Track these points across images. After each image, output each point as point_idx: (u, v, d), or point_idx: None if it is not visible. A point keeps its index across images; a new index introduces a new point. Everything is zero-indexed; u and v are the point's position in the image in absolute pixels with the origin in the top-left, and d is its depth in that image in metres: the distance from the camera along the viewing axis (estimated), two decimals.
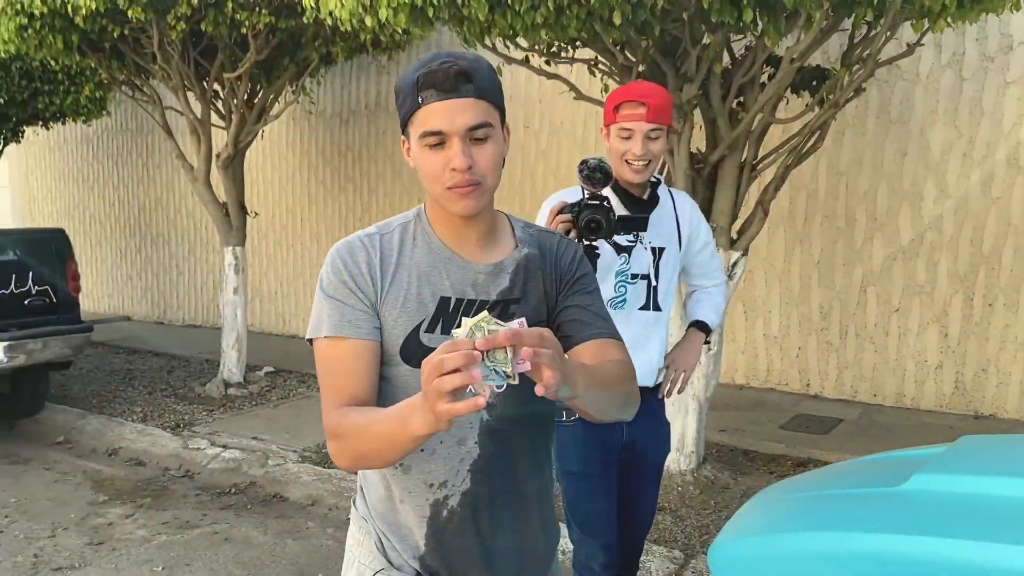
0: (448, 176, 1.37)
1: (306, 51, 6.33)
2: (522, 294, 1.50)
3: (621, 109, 2.30)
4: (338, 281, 1.45)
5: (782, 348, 6.45)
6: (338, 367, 1.45)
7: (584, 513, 2.47)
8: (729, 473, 4.71)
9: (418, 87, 1.37)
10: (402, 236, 1.50)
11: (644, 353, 2.40)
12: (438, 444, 1.47)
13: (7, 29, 5.74)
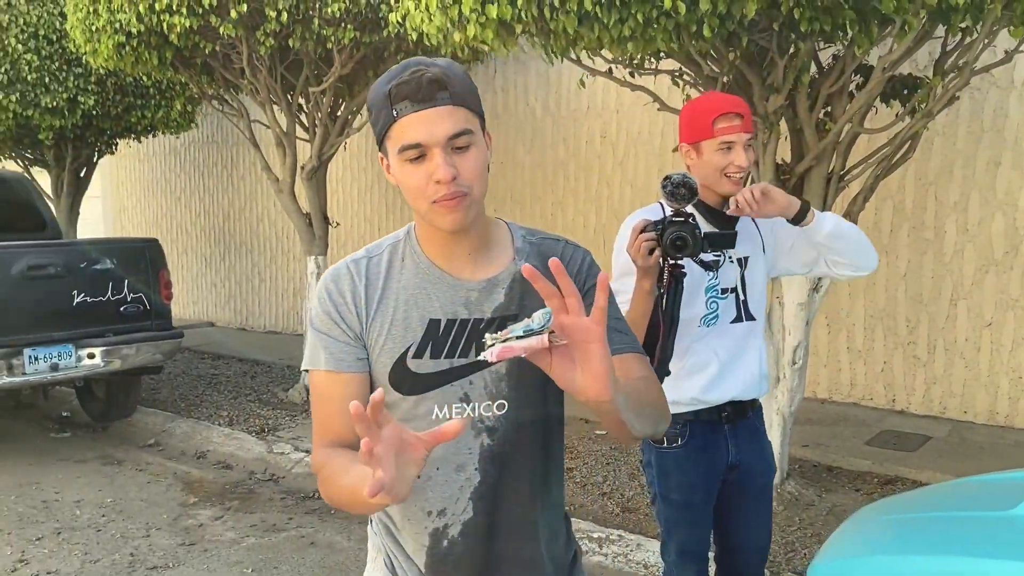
0: (432, 189, 1.30)
1: (388, 64, 6.44)
2: (520, 309, 1.40)
3: (719, 123, 2.19)
4: (322, 312, 1.41)
5: (866, 362, 6.30)
6: (323, 402, 1.42)
7: (683, 539, 2.41)
8: (814, 489, 4.62)
9: (391, 99, 1.29)
10: (390, 257, 1.44)
11: (742, 365, 2.34)
12: (434, 471, 1.41)
13: (106, 47, 6.01)
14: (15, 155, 9.46)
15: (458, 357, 1.39)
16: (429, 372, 1.39)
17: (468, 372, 1.40)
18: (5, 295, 5.26)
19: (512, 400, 1.41)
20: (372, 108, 1.34)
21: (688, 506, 2.36)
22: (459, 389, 1.40)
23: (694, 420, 2.31)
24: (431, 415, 1.39)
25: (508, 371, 1.40)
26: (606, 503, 4.56)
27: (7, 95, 7.67)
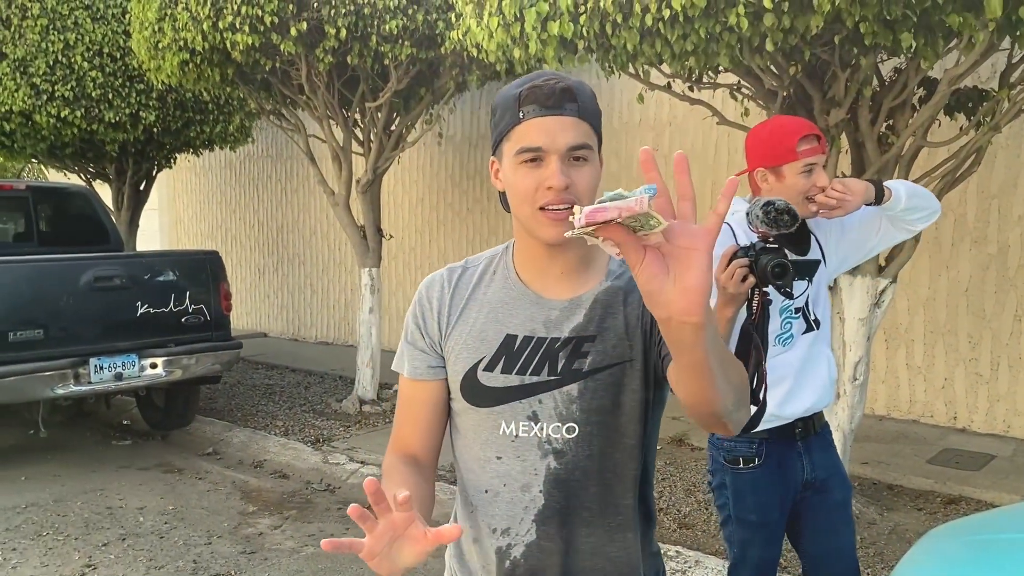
0: (542, 195, 1.27)
1: (443, 80, 6.52)
2: (598, 331, 1.36)
3: (802, 145, 2.19)
4: (411, 317, 1.47)
5: (926, 379, 6.18)
6: (401, 404, 1.49)
7: (756, 561, 2.39)
8: (875, 508, 4.54)
9: (520, 102, 1.28)
10: (484, 270, 1.46)
11: (814, 374, 2.33)
12: (501, 487, 1.39)
13: (170, 64, 6.17)
14: (78, 169, 9.73)
15: (530, 375, 1.37)
16: (499, 386, 1.39)
17: (539, 391, 1.37)
18: (72, 306, 5.41)
19: (583, 424, 1.37)
20: (497, 109, 1.34)
21: (764, 526, 2.34)
22: (528, 407, 1.38)
23: (768, 439, 2.31)
24: (498, 429, 1.39)
25: (580, 394, 1.36)
26: (662, 519, 4.53)
27: (73, 111, 7.90)
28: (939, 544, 2.26)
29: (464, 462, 1.46)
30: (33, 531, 4.67)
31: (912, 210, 2.27)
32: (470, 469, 1.45)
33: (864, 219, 2.34)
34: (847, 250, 2.41)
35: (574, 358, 1.36)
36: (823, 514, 2.37)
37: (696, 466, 5.31)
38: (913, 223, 2.32)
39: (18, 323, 5.25)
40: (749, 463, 2.31)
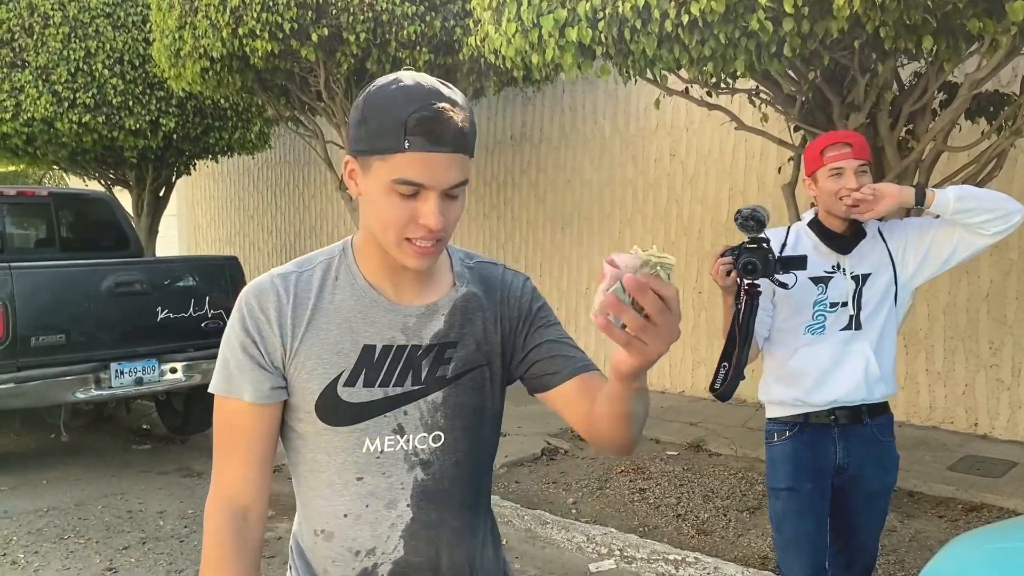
0: (414, 229, 1.22)
1: (460, 86, 6.54)
2: (459, 337, 1.35)
3: (827, 152, 2.40)
4: (241, 331, 1.29)
5: (946, 384, 6.13)
6: (230, 432, 1.32)
7: (791, 531, 2.51)
8: (895, 515, 4.51)
9: (406, 130, 1.18)
10: (323, 275, 1.33)
11: (845, 371, 2.45)
12: (364, 508, 1.32)
13: (191, 71, 6.23)
14: (99, 175, 9.83)
15: (393, 385, 1.31)
16: (362, 401, 1.30)
17: (404, 402, 1.32)
18: (93, 311, 5.46)
19: (448, 431, 1.34)
20: (374, 117, 1.21)
21: (794, 495, 2.48)
22: (393, 420, 1.31)
23: (803, 422, 2.50)
24: (361, 447, 1.31)
25: (444, 400, 1.34)
26: (681, 525, 4.52)
27: (94, 117, 7.99)
28: (962, 553, 2.24)
29: (311, 489, 1.35)
30: (55, 534, 4.71)
31: (968, 213, 2.30)
32: (321, 496, 1.34)
33: (941, 227, 2.43)
34: (924, 257, 2.47)
35: (437, 365, 1.34)
36: (852, 500, 2.52)
37: (714, 472, 5.29)
38: (983, 226, 2.32)
39: (40, 328, 5.30)
40: (781, 436, 2.52)
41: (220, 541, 1.32)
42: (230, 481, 1.33)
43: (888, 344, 2.50)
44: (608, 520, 4.60)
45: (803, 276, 2.40)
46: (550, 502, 4.92)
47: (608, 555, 4.21)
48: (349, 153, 1.27)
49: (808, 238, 2.50)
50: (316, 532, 1.36)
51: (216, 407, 1.33)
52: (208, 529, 1.34)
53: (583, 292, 8.22)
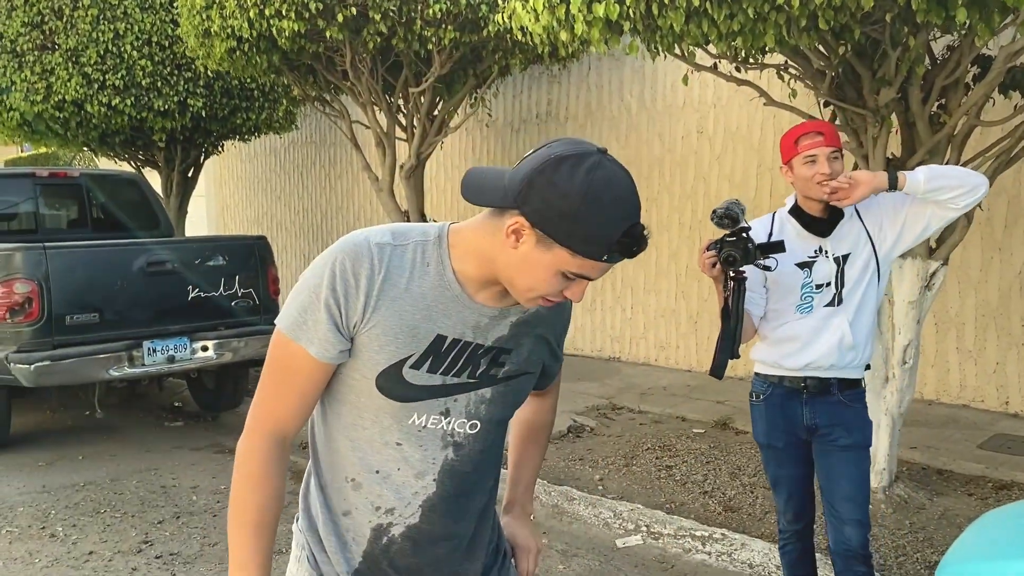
0: (555, 296, 1.33)
1: (486, 64, 6.53)
2: (516, 345, 1.44)
3: (801, 141, 2.62)
4: (328, 288, 1.33)
5: (977, 363, 6.08)
6: (285, 378, 1.38)
7: (772, 477, 2.94)
8: (924, 493, 4.49)
9: (611, 246, 1.25)
10: (414, 256, 1.37)
11: (821, 340, 2.69)
12: (395, 470, 1.41)
13: (219, 51, 6.26)
14: (128, 156, 9.93)
15: (452, 375, 1.39)
16: (421, 384, 1.38)
17: (456, 391, 1.41)
18: (126, 290, 5.55)
19: (486, 422, 1.45)
20: (587, 225, 1.23)
21: (771, 448, 2.86)
22: (442, 404, 1.40)
23: (778, 384, 2.80)
24: (408, 419, 1.39)
25: (492, 397, 1.44)
26: (707, 502, 4.53)
27: (123, 99, 8.07)
28: (994, 526, 2.25)
29: (351, 440, 1.42)
30: (91, 508, 4.81)
31: (938, 191, 2.52)
32: (359, 449, 1.42)
33: (914, 203, 2.62)
34: (900, 231, 2.68)
35: (492, 365, 1.43)
36: (827, 455, 2.78)
37: (741, 449, 5.29)
38: (953, 201, 2.53)
39: (74, 307, 5.40)
40: (759, 396, 2.85)
41: (262, 462, 1.39)
42: (278, 416, 1.40)
43: (865, 315, 2.72)
44: (634, 497, 4.62)
45: (790, 262, 2.67)
46: (577, 478, 4.95)
47: (635, 531, 4.23)
48: (529, 219, 1.26)
49: (790, 224, 2.74)
50: (347, 479, 1.44)
51: (277, 343, 1.37)
52: (249, 452, 1.40)
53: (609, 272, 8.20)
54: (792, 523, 2.94)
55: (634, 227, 1.25)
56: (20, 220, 7.00)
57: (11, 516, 4.71)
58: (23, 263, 5.24)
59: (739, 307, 2.58)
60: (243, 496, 1.39)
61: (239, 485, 1.40)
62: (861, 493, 2.76)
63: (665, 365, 7.82)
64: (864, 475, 2.78)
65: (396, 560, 1.45)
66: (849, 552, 2.76)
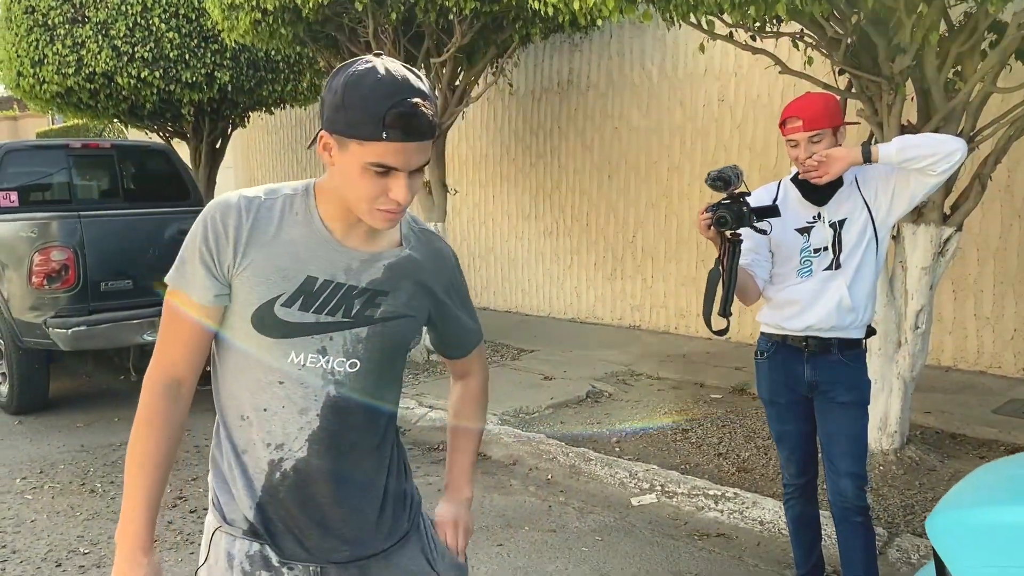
0: (384, 201, 1.42)
1: (506, 33, 6.58)
2: (392, 288, 1.54)
3: (786, 124, 2.77)
4: (202, 240, 1.47)
5: (995, 330, 6.11)
6: (172, 326, 1.52)
7: (775, 432, 3.09)
8: (935, 455, 4.57)
9: (384, 123, 1.35)
10: (283, 207, 1.51)
11: (821, 303, 2.82)
12: (279, 407, 1.51)
13: (244, 23, 6.37)
14: (157, 128, 10.11)
15: (326, 314, 1.50)
16: (294, 321, 1.49)
17: (331, 329, 1.51)
18: (158, 258, 5.72)
19: (365, 361, 1.54)
20: (352, 107, 1.37)
21: (773, 404, 3.02)
22: (318, 342, 1.51)
23: (781, 343, 2.94)
24: (287, 358, 1.50)
25: (368, 336, 1.54)
26: (721, 463, 4.65)
27: (152, 72, 8.22)
28: (990, 473, 2.34)
29: (238, 382, 1.54)
30: None
31: (911, 160, 2.66)
32: (245, 388, 1.53)
33: (901, 172, 2.76)
34: (892, 198, 2.82)
35: (368, 306, 1.54)
36: (826, 411, 2.92)
37: (757, 414, 5.39)
38: (931, 168, 2.66)
39: (109, 274, 5.59)
40: (763, 355, 3.01)
41: (153, 401, 1.52)
42: (170, 359, 1.53)
43: (864, 279, 2.84)
44: (650, 458, 4.74)
45: (790, 227, 2.83)
46: (594, 441, 5.08)
47: (650, 490, 4.36)
48: (324, 128, 1.43)
49: (792, 191, 2.90)
50: (241, 417, 1.55)
51: (167, 295, 1.53)
52: (144, 393, 1.53)
53: (629, 240, 8.28)
54: (795, 477, 3.08)
55: (400, 102, 1.35)
56: (54, 190, 7.19)
57: (52, 473, 4.93)
58: (60, 231, 5.43)
59: (732, 268, 2.69)
60: (135, 436, 1.52)
61: (134, 429, 1.52)
62: (857, 448, 2.88)
63: (685, 333, 7.91)
64: (861, 431, 2.90)
65: (292, 493, 1.54)
66: (846, 503, 2.89)
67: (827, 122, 2.74)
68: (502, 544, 3.87)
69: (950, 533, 2.03)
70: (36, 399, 6.12)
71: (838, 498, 2.89)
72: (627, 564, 3.65)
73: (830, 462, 2.91)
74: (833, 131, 2.76)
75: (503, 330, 8.29)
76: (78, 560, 3.80)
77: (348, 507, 1.58)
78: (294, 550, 1.57)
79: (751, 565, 3.63)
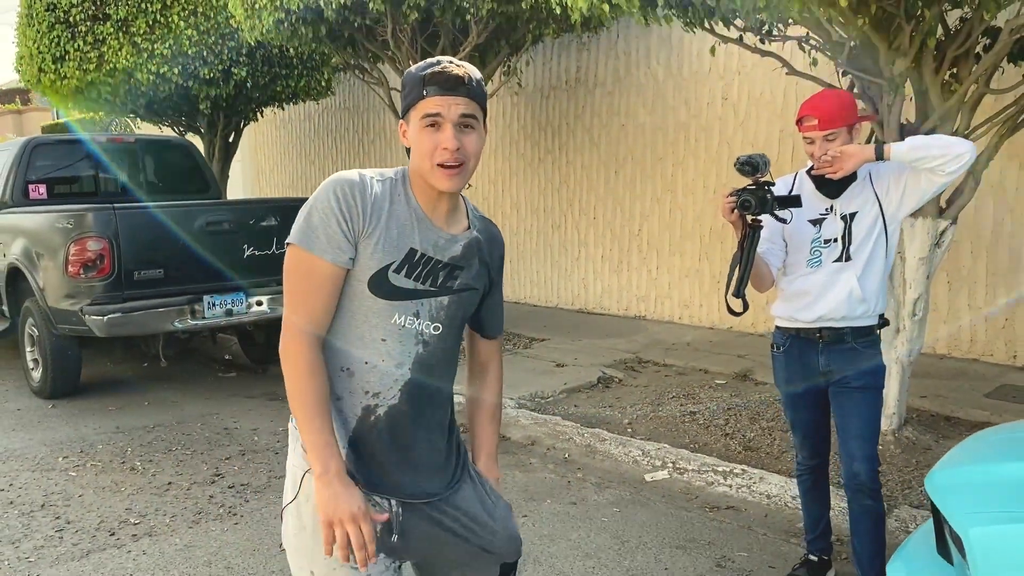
0: (439, 154, 1.68)
1: (520, 33, 6.83)
2: (465, 264, 1.83)
3: (802, 122, 2.91)
4: (337, 207, 1.69)
5: (987, 319, 6.39)
6: (310, 285, 1.71)
7: (790, 419, 3.29)
8: (931, 436, 4.85)
9: (424, 83, 1.68)
10: (392, 188, 1.76)
11: (832, 294, 2.97)
12: (380, 361, 1.77)
13: (266, 22, 6.61)
14: (172, 122, 10.33)
15: (421, 283, 1.77)
16: (400, 287, 1.75)
17: (423, 296, 1.79)
18: (187, 248, 5.96)
19: (445, 325, 1.83)
20: (407, 85, 1.73)
21: (789, 393, 3.19)
22: (415, 306, 1.78)
23: (796, 335, 3.10)
24: (391, 319, 1.76)
25: (448, 304, 1.82)
26: (728, 442, 4.92)
27: (170, 68, 8.44)
28: (985, 436, 2.61)
29: (345, 338, 1.77)
30: (163, 447, 5.27)
31: (921, 160, 2.79)
32: (352, 343, 1.76)
33: (912, 170, 2.90)
34: (902, 194, 2.96)
35: (448, 278, 1.82)
36: (841, 397, 3.07)
37: (760, 398, 5.66)
38: (940, 168, 2.79)
39: (142, 263, 5.82)
40: (780, 348, 3.17)
41: (306, 351, 1.72)
42: (310, 316, 1.73)
43: (874, 271, 2.98)
44: (661, 438, 5.01)
45: (803, 218, 2.96)
46: (607, 422, 5.34)
47: (662, 467, 4.63)
48: (400, 117, 1.79)
49: (807, 184, 3.04)
50: (341, 368, 1.78)
51: (297, 258, 1.71)
52: (293, 346, 1.72)
53: (635, 233, 8.54)
54: (808, 459, 3.30)
55: (435, 64, 1.70)
56: (81, 183, 7.43)
57: (92, 452, 5.18)
58: (95, 223, 5.66)
59: (750, 252, 2.83)
60: (302, 386, 1.71)
61: (296, 377, 1.71)
62: (871, 431, 3.02)
63: (689, 323, 8.18)
64: (875, 415, 3.03)
65: (382, 434, 1.79)
66: (858, 485, 3.03)
67: (841, 121, 2.87)
68: (527, 515, 4.13)
69: (949, 487, 2.29)
70: (69, 384, 6.36)
71: (852, 480, 3.03)
72: (644, 532, 3.92)
73: (845, 445, 3.03)
74: (848, 129, 2.89)
75: (514, 320, 8.56)
76: (129, 529, 4.05)
77: (426, 446, 1.86)
78: (378, 483, 1.83)
79: (760, 534, 3.90)
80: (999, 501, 2.11)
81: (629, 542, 3.82)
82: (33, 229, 6.19)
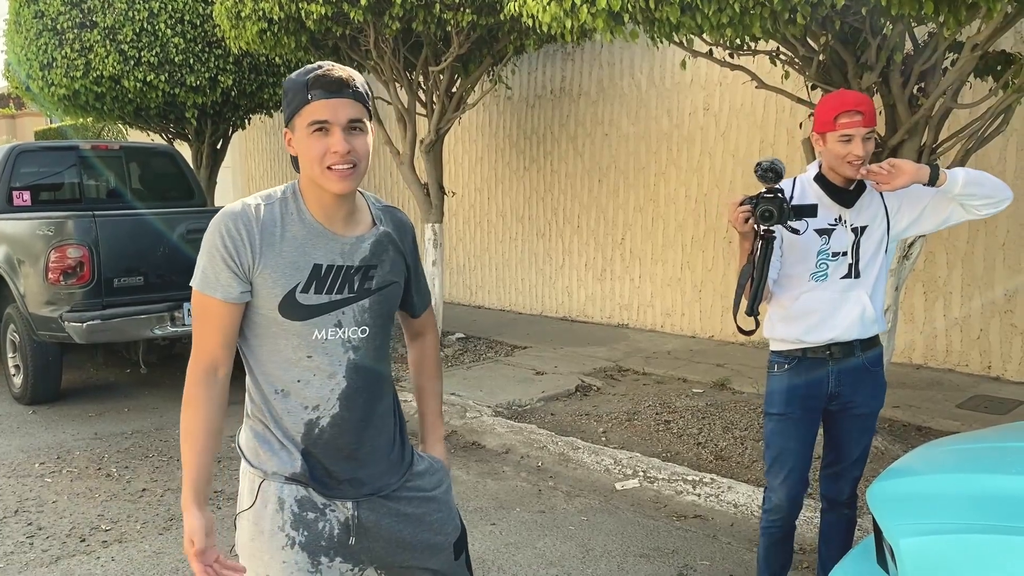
0: (329, 157, 1.68)
1: (501, 44, 6.89)
2: (378, 262, 1.85)
3: (840, 118, 2.63)
4: (221, 245, 1.71)
5: (963, 329, 6.45)
6: (205, 323, 1.76)
7: (777, 449, 2.90)
8: (900, 446, 4.89)
9: (308, 87, 1.68)
10: (281, 210, 1.76)
11: (843, 314, 2.78)
12: (312, 377, 1.80)
13: (250, 32, 6.66)
14: (160, 129, 10.37)
15: (335, 293, 1.80)
16: (313, 304, 1.78)
17: (342, 305, 1.82)
18: (167, 255, 6.00)
19: (372, 326, 1.86)
20: (289, 91, 1.72)
21: (784, 419, 2.86)
22: (334, 317, 1.81)
23: (802, 356, 2.84)
24: (311, 335, 1.79)
25: (370, 305, 1.85)
26: (700, 451, 4.96)
27: (157, 75, 8.48)
28: (927, 451, 2.65)
29: (272, 363, 1.81)
30: (140, 453, 5.30)
31: (970, 196, 2.59)
32: (278, 366, 1.80)
33: (938, 197, 2.69)
34: (917, 217, 2.77)
35: (364, 280, 1.84)
36: (843, 421, 2.91)
37: (735, 407, 5.71)
38: (977, 208, 2.63)
39: (122, 271, 5.86)
40: (781, 368, 2.87)
41: (192, 388, 1.79)
42: (205, 351, 1.79)
43: (881, 289, 2.83)
44: (634, 447, 5.05)
45: (810, 227, 2.72)
46: (582, 431, 5.39)
47: (632, 476, 4.67)
48: (285, 128, 1.77)
49: (812, 191, 2.78)
50: (276, 391, 1.82)
51: (195, 298, 1.78)
52: (187, 381, 1.80)
53: (619, 242, 8.60)
54: (783, 502, 2.92)
55: (317, 69, 1.70)
56: (65, 190, 7.46)
57: (69, 459, 5.21)
58: (75, 230, 5.70)
59: (765, 265, 2.63)
60: (182, 418, 1.78)
61: (182, 411, 1.78)
62: (865, 454, 2.96)
63: (671, 331, 8.23)
64: (870, 439, 2.96)
65: (329, 442, 1.84)
66: (840, 500, 3.01)
67: (876, 121, 2.68)
68: (495, 523, 4.17)
69: (887, 498, 2.34)
70: (49, 390, 6.40)
71: (833, 494, 2.98)
72: (609, 541, 3.96)
73: (835, 465, 2.95)
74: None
75: (497, 328, 8.60)
76: (101, 536, 4.08)
77: (371, 446, 1.90)
78: (332, 489, 1.88)
79: (724, 543, 3.94)
80: (933, 512, 2.16)
81: (594, 551, 3.86)
82: (14, 235, 6.23)
